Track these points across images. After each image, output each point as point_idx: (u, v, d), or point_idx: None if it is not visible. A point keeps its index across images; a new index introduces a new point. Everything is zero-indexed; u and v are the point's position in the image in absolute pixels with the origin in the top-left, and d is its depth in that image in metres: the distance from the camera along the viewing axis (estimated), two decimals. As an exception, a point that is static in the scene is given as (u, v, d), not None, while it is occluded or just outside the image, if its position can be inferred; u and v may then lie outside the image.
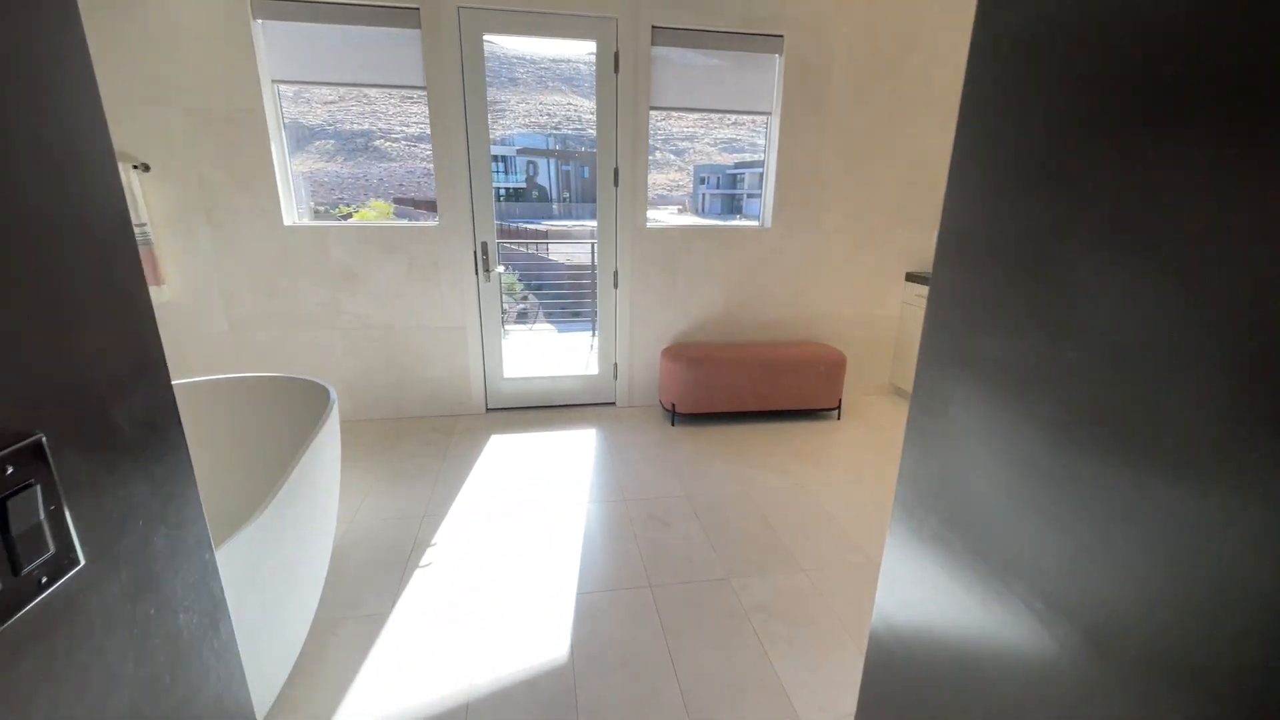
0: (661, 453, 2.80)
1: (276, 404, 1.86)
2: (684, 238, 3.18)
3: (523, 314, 9.04)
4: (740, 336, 3.40)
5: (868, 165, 3.23)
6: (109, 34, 2.43)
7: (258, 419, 1.86)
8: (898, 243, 3.41)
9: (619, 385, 3.36)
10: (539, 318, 8.54)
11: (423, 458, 2.71)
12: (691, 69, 2.99)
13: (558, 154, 15.93)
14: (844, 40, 3.01)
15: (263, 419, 1.86)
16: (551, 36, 2.82)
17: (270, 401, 1.86)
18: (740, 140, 8.83)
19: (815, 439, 3.00)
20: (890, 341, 3.60)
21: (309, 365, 2.99)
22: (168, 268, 2.73)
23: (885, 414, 3.38)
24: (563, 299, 8.56)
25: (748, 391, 3.09)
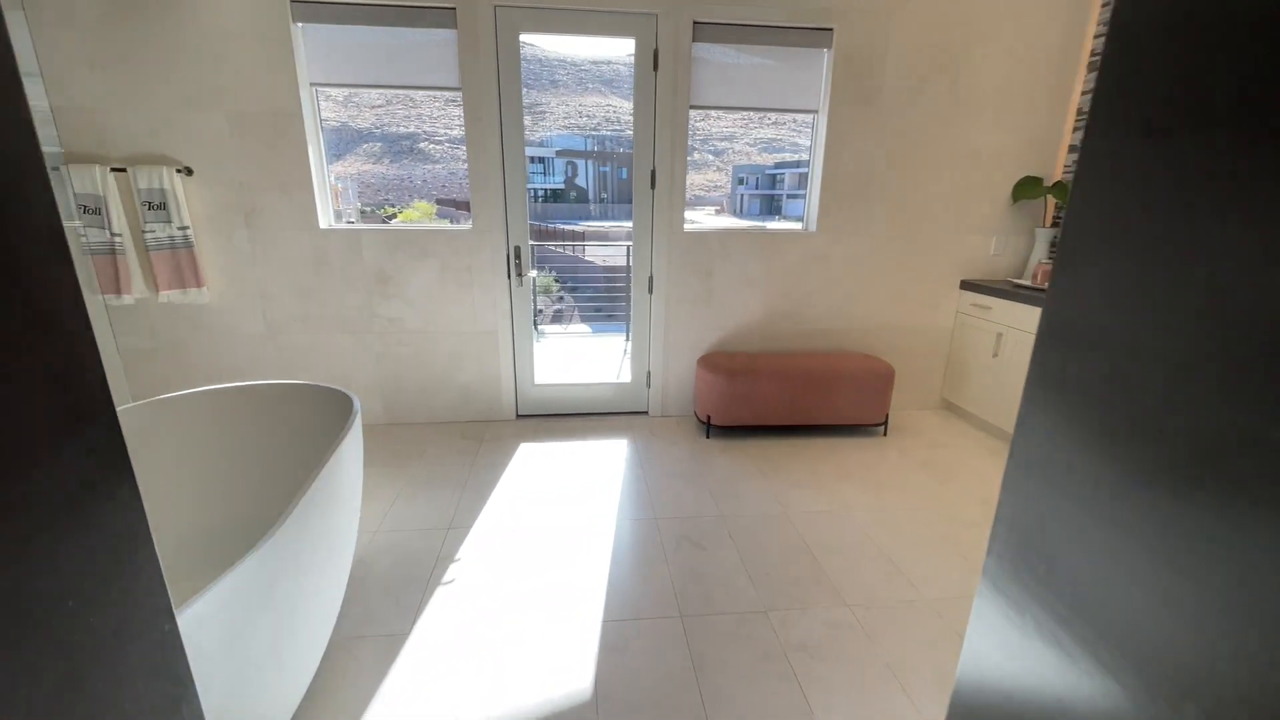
0: (695, 467, 2.68)
1: (300, 411, 1.82)
2: (722, 241, 3.05)
3: (558, 314, 9.05)
4: (780, 346, 3.25)
5: (921, 165, 3.03)
6: (159, 42, 2.47)
7: (281, 426, 1.83)
8: (953, 248, 3.19)
9: (651, 394, 3.25)
10: (574, 318, 8.53)
11: (451, 465, 2.66)
12: (733, 66, 2.85)
13: (596, 155, 15.93)
14: (899, 32, 2.82)
15: (286, 426, 1.83)
16: (589, 35, 2.73)
17: (294, 409, 1.83)
18: (781, 140, 8.52)
19: (860, 457, 2.82)
20: (942, 354, 3.37)
21: (342, 368, 2.99)
22: (208, 270, 2.76)
23: (936, 431, 3.16)
24: (598, 300, 8.54)
25: (788, 405, 2.93)
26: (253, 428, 1.82)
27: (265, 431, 1.82)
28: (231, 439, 1.80)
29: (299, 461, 1.81)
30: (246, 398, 1.81)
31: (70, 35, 2.42)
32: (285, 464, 1.82)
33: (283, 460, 1.83)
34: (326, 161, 2.82)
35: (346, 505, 1.55)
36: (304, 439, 1.82)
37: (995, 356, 2.98)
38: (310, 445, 1.81)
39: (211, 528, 1.75)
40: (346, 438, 1.52)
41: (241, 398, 1.81)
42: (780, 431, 3.06)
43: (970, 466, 2.75)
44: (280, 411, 1.83)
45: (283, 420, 1.83)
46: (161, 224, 2.60)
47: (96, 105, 2.51)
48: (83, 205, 2.53)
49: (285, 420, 1.83)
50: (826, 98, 2.91)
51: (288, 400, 1.83)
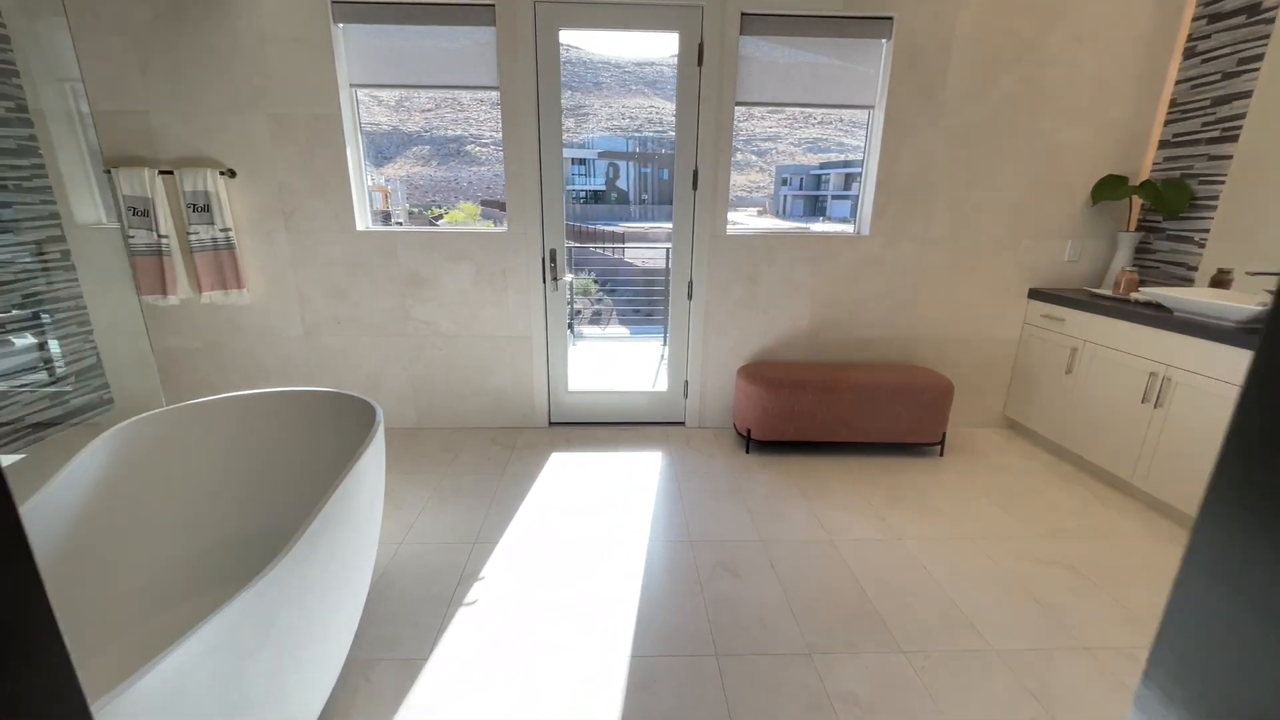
0: (734, 485, 2.52)
1: (325, 419, 1.77)
2: (768, 245, 2.88)
3: (597, 315, 9.01)
4: (827, 357, 3.05)
5: (988, 163, 2.79)
6: (205, 46, 2.49)
7: (304, 434, 1.78)
8: (1021, 253, 2.93)
9: (689, 404, 3.11)
10: (612, 320, 8.47)
11: (481, 474, 2.59)
12: (781, 60, 2.68)
13: (637, 156, 15.92)
14: (968, 18, 2.60)
15: (310, 434, 1.78)
16: (631, 29, 2.61)
17: (317, 416, 1.77)
18: (826, 140, 8.22)
19: (915, 479, 2.60)
20: (1006, 368, 3.10)
21: (375, 371, 2.97)
22: (249, 271, 2.78)
23: (999, 452, 2.90)
24: (636, 302, 8.46)
25: (834, 420, 2.74)
26: (276, 435, 1.77)
27: (289, 439, 1.78)
28: (255, 447, 1.76)
29: (322, 470, 1.76)
30: (270, 405, 1.77)
31: (122, 41, 2.46)
32: (309, 472, 1.77)
33: (307, 468, 1.77)
34: (366, 163, 2.80)
35: (364, 525, 1.48)
36: (328, 447, 1.76)
37: (1069, 374, 2.70)
38: (334, 454, 1.76)
39: (235, 537, 1.71)
40: (365, 453, 1.44)
41: (265, 405, 1.77)
42: (826, 448, 2.87)
43: (1040, 494, 2.49)
44: (304, 419, 1.78)
45: (307, 428, 1.78)
46: (205, 225, 2.63)
47: (148, 108, 2.55)
48: (131, 207, 2.57)
49: (309, 428, 1.78)
50: (884, 92, 2.70)
51: (311, 407, 1.78)
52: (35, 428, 2.62)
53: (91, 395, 2.87)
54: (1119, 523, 2.29)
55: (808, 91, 2.74)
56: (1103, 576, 1.97)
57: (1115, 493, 2.52)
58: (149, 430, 1.59)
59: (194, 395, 2.96)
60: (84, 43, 2.45)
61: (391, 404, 3.03)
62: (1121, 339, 2.44)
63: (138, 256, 2.64)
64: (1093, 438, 2.59)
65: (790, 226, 15.16)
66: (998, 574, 1.96)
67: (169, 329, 2.85)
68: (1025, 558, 2.05)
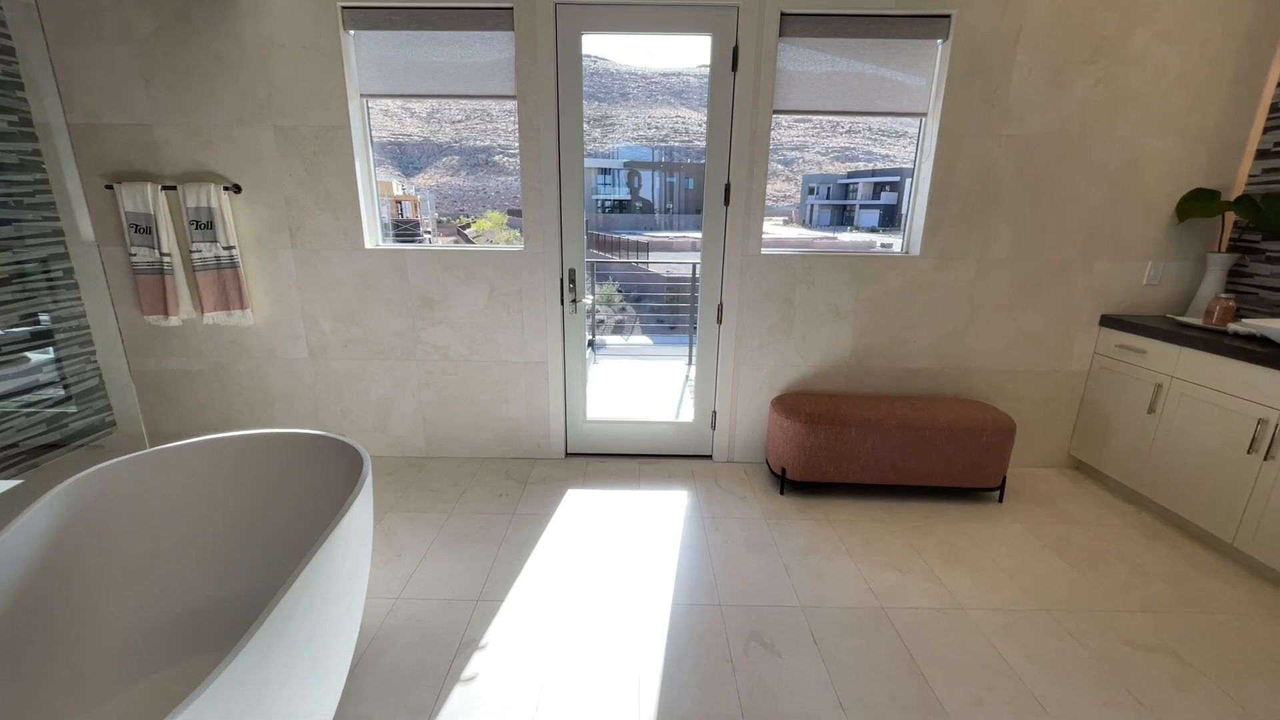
0: (768, 534, 2.26)
1: (307, 466, 1.58)
2: (806, 265, 2.63)
3: (620, 325, 8.83)
4: (871, 388, 2.77)
5: (1057, 176, 2.49)
6: (211, 55, 2.36)
7: (282, 485, 1.59)
8: (1093, 276, 2.62)
9: (717, 437, 2.86)
10: (636, 329, 8.27)
11: (490, 514, 2.38)
12: (822, 63, 2.44)
13: (663, 166, 15.79)
14: (1038, 14, 2.32)
15: (288, 485, 1.59)
16: (660, 32, 2.41)
17: (299, 463, 1.58)
18: (854, 149, 7.91)
19: (972, 532, 2.31)
20: (1072, 403, 2.78)
21: (385, 397, 2.80)
22: (253, 291, 2.64)
23: (1066, 499, 2.58)
24: (660, 311, 8.27)
25: (881, 460, 2.46)
26: (252, 485, 1.59)
27: (266, 490, 1.59)
28: (227, 499, 1.57)
29: (305, 526, 1.57)
30: (244, 450, 1.59)
31: (127, 52, 2.35)
32: (290, 529, 1.58)
33: (287, 524, 1.58)
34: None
35: (345, 594, 1.27)
36: (312, 497, 1.57)
37: (1152, 413, 2.38)
38: (319, 506, 1.56)
39: (206, 604, 1.52)
40: (346, 516, 1.24)
41: (238, 450, 1.58)
42: (870, 492, 2.59)
43: (1121, 553, 2.17)
44: (283, 466, 1.59)
45: (287, 476, 1.59)
46: (208, 243, 2.49)
47: (152, 121, 2.44)
48: (134, 224, 2.46)
49: (289, 476, 1.59)
50: (938, 97, 2.44)
51: (291, 452, 1.59)
52: (31, 453, 2.51)
53: (93, 418, 2.76)
54: (1221, 594, 1.96)
55: (851, 98, 2.49)
56: (1211, 666, 1.66)
57: (1212, 554, 2.18)
58: (104, 485, 1.42)
59: (197, 418, 2.83)
60: (86, 54, 2.35)
61: (401, 432, 2.86)
62: (1219, 377, 2.12)
63: (139, 275, 2.52)
64: (1183, 489, 2.26)
65: (817, 235, 14.89)
66: (1085, 660, 1.66)
67: (173, 350, 2.73)
68: (1115, 638, 1.75)
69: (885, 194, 23.06)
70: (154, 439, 2.80)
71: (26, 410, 2.49)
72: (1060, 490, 2.67)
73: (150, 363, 2.75)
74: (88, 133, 2.43)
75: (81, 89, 2.38)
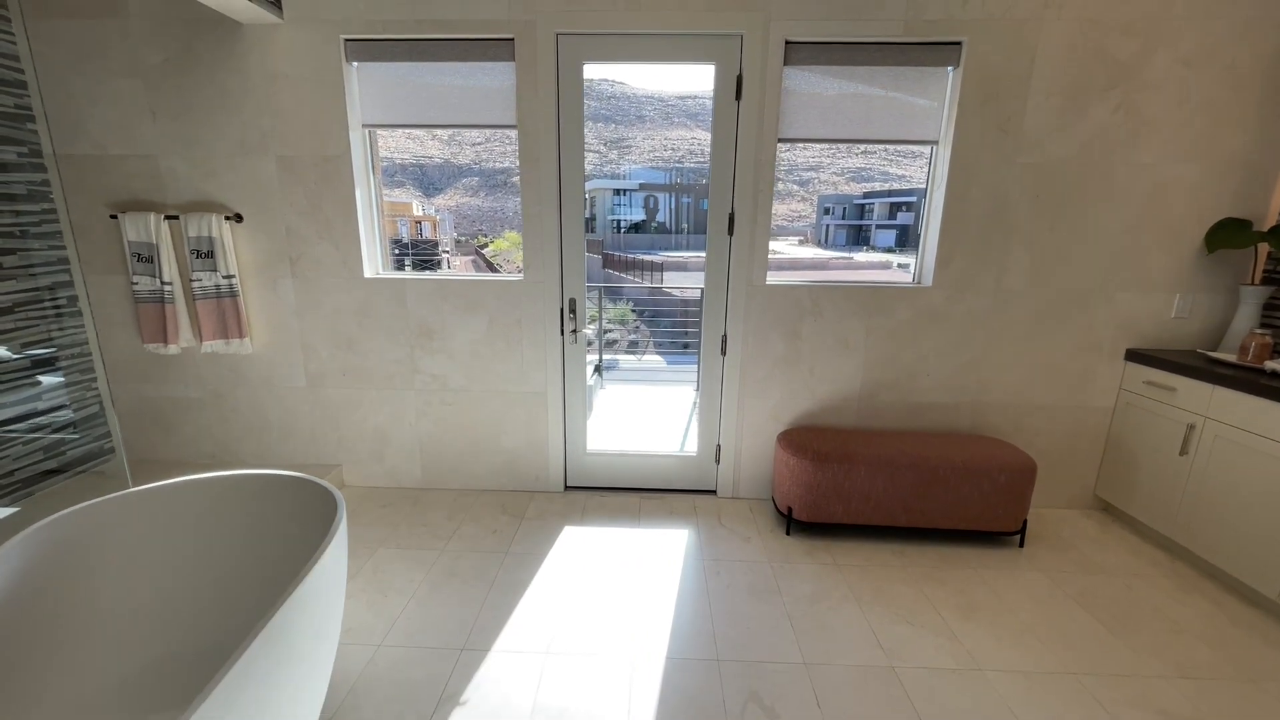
0: (772, 579, 2.15)
1: (277, 510, 1.52)
2: (814, 297, 2.54)
3: (633, 344, 8.78)
4: (881, 424, 2.66)
5: (1076, 204, 2.39)
6: (215, 87, 2.38)
7: (251, 531, 1.53)
8: (1116, 307, 2.49)
9: (721, 471, 2.76)
10: (649, 349, 8.22)
11: (483, 552, 2.30)
12: (829, 90, 2.39)
13: (678, 188, 15.92)
14: (1052, 41, 2.25)
15: (258, 531, 1.52)
16: (663, 62, 2.38)
17: (270, 505, 1.52)
18: (870, 169, 7.87)
19: (990, 579, 2.17)
20: (1097, 440, 2.64)
21: (383, 426, 2.75)
22: (253, 320, 2.63)
23: (1091, 544, 2.42)
24: (674, 331, 8.24)
25: (893, 501, 2.34)
26: (221, 531, 1.53)
27: (236, 535, 1.53)
28: (195, 546, 1.52)
29: (278, 574, 1.50)
30: (212, 493, 1.53)
31: (134, 84, 2.38)
32: (260, 578, 1.51)
33: (257, 572, 1.52)
34: (377, 204, 2.63)
35: (310, 654, 1.20)
36: (282, 545, 1.51)
37: (1185, 455, 2.24)
38: (292, 553, 1.50)
39: (170, 659, 1.46)
40: (314, 570, 1.17)
41: (205, 493, 1.53)
42: (880, 534, 2.46)
43: (1154, 608, 2.02)
44: (253, 510, 1.53)
45: (257, 521, 1.53)
46: (208, 272, 2.49)
47: (157, 152, 2.45)
48: (136, 253, 2.46)
49: (259, 521, 1.53)
50: (950, 125, 2.37)
51: (264, 495, 1.53)
52: (27, 481, 2.49)
53: (92, 445, 2.75)
54: (1268, 659, 1.80)
55: (858, 126, 2.42)
56: (1259, 744, 1.50)
57: (1256, 612, 2.02)
58: (63, 534, 1.37)
59: (195, 446, 2.80)
60: (94, 86, 2.38)
61: (398, 461, 2.80)
62: (1258, 419, 1.98)
63: (140, 304, 2.52)
64: (1221, 538, 2.11)
65: (833, 255, 14.65)
66: (1116, 734, 1.52)
67: (172, 377, 2.71)
68: (1150, 708, 1.60)
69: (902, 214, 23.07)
70: (152, 466, 2.77)
71: (30, 436, 2.49)
72: (1085, 534, 2.51)
73: (149, 390, 2.74)
74: (94, 163, 2.46)
75: (90, 120, 2.41)
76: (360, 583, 2.09)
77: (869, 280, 2.62)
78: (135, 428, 2.80)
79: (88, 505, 1.47)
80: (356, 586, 2.07)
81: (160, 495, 1.50)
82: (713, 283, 2.58)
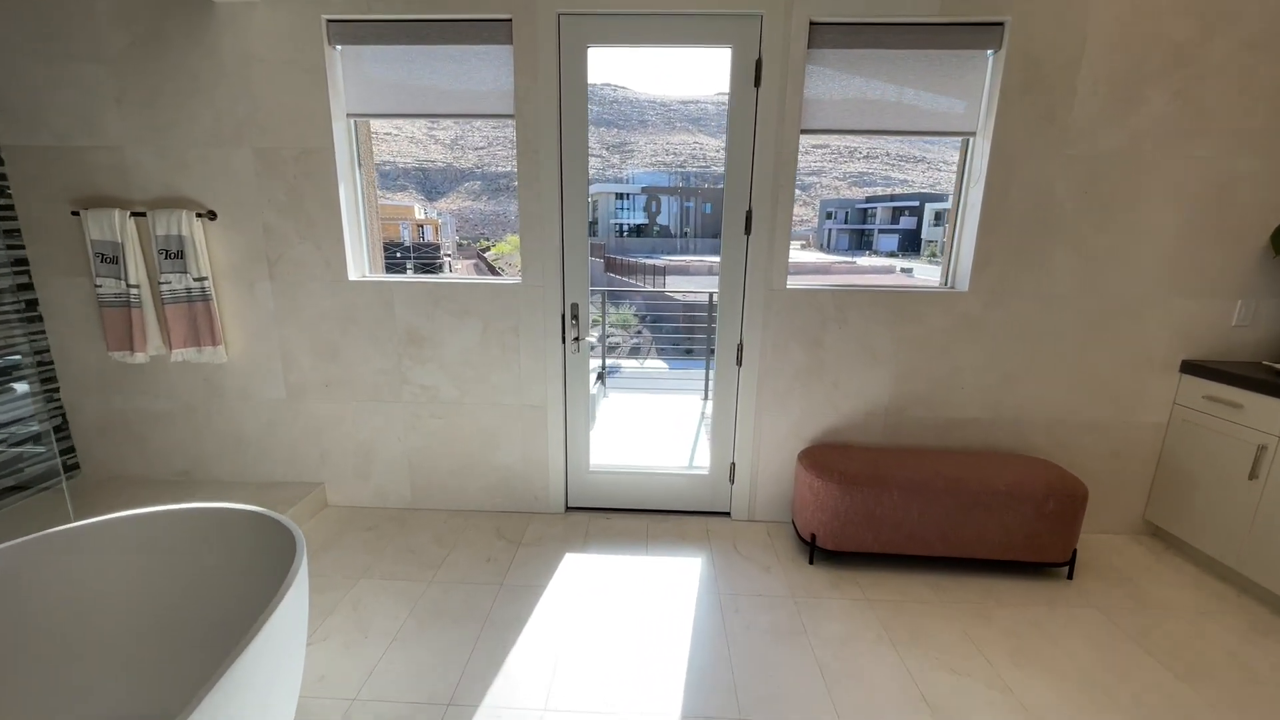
0: (797, 618, 1.92)
1: (231, 551, 1.30)
2: (838, 302, 2.33)
3: (636, 349, 8.59)
4: (912, 440, 2.44)
5: (1127, 201, 2.18)
6: (187, 74, 2.18)
7: (205, 573, 1.31)
8: (1171, 315, 2.28)
9: (736, 491, 2.54)
10: (651, 353, 8.03)
11: (476, 584, 2.08)
12: (854, 78, 2.18)
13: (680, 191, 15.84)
14: (1104, 22, 2.04)
15: (211, 573, 1.31)
16: (675, 45, 2.17)
17: (221, 547, 1.31)
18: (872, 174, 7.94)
19: (1040, 618, 1.94)
20: (1148, 459, 2.41)
21: (368, 441, 2.53)
22: (228, 326, 2.42)
23: (1146, 574, 2.20)
24: (676, 335, 8.09)
25: (928, 529, 2.12)
26: (173, 574, 1.32)
27: (187, 579, 1.32)
28: (140, 590, 1.30)
29: (229, 621, 1.28)
30: (164, 529, 1.32)
31: (97, 70, 2.18)
32: (210, 628, 1.30)
33: (208, 622, 1.30)
34: (363, 202, 2.43)
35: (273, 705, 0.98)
36: (239, 590, 1.29)
37: (1254, 479, 2.01)
38: (249, 599, 1.28)
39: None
40: (280, 606, 0.96)
41: (158, 530, 1.32)
42: (913, 564, 2.24)
43: (1227, 651, 1.79)
44: (209, 550, 1.32)
45: (212, 566, 1.32)
46: (178, 274, 2.28)
47: (123, 143, 2.25)
48: (100, 254, 2.26)
49: (214, 566, 1.31)
50: (989, 114, 2.16)
51: (220, 533, 1.32)
52: (-22, 503, 2.29)
53: (53, 461, 2.54)
54: (1369, 717, 1.57)
55: (888, 116, 2.22)
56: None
57: (1344, 659, 1.79)
58: None
59: (166, 461, 2.59)
60: (55, 72, 2.18)
61: (385, 479, 2.59)
62: (1345, 442, 1.76)
63: (105, 308, 2.31)
64: (1299, 574, 1.88)
65: (835, 260, 14.78)
66: (1213, 818, 1.29)
67: (140, 389, 2.51)
68: (1245, 782, 1.37)
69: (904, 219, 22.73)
70: (121, 483, 2.56)
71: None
72: (1138, 564, 2.29)
73: (118, 402, 2.53)
74: (53, 155, 2.26)
75: (49, 109, 2.22)
76: (338, 620, 1.88)
77: (896, 285, 2.41)
78: (102, 442, 2.59)
79: (16, 544, 1.26)
80: (333, 625, 1.85)
81: (92, 534, 1.29)
82: (728, 287, 2.36)
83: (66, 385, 2.52)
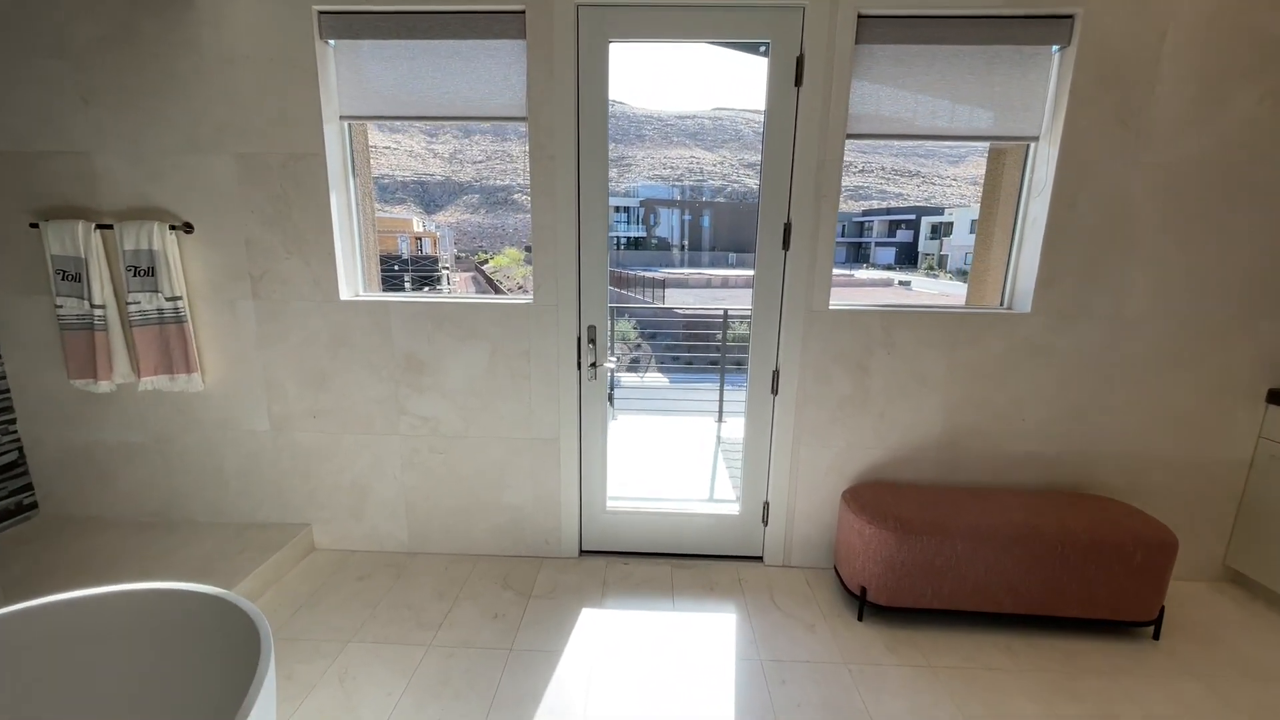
0: (853, 690, 1.66)
1: (189, 645, 1.04)
2: (886, 325, 2.09)
3: (635, 362, 8.33)
4: (968, 477, 2.19)
5: (1213, 214, 1.96)
6: (162, 72, 1.96)
7: (144, 668, 1.05)
8: (1259, 340, 2.05)
9: (770, 534, 2.28)
10: (651, 365, 7.79)
11: (481, 649, 1.81)
12: (907, 75, 1.96)
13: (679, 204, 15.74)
14: (1187, 14, 1.83)
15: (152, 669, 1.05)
16: (708, 39, 1.96)
17: (177, 640, 1.05)
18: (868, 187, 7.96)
19: (1134, 689, 1.68)
20: (1231, 499, 2.17)
21: (360, 477, 2.28)
22: (205, 351, 2.17)
23: (1238, 630, 1.94)
24: (677, 348, 7.91)
25: (995, 582, 1.86)
26: (120, 674, 1.06)
27: (122, 679, 1.05)
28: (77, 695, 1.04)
29: None
30: (108, 618, 1.06)
31: (62, 66, 1.95)
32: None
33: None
34: (358, 214, 2.20)
35: None
36: (187, 690, 1.03)
37: (1370, 528, 1.77)
38: (195, 698, 1.02)
39: None
40: None
41: (100, 619, 1.06)
42: (977, 621, 1.97)
43: (1363, 740, 1.53)
44: (162, 644, 1.06)
45: (166, 661, 1.06)
46: (148, 293, 2.04)
47: (90, 148, 2.02)
48: (61, 270, 2.01)
49: (155, 657, 1.05)
50: (1055, 116, 1.94)
51: (181, 622, 1.06)
52: (-84, 552, 2.02)
53: (8, 500, 2.27)
54: None
55: (942, 118, 2.00)
56: None
57: None
58: None
59: (137, 500, 2.33)
60: (13, 69, 1.95)
61: (379, 520, 2.32)
62: None
63: (66, 331, 2.06)
64: None
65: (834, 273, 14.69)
66: None
67: (107, 419, 2.25)
68: None
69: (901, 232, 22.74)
70: (86, 524, 2.30)
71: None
72: (1226, 618, 2.03)
73: (82, 434, 2.27)
74: (11, 161, 2.02)
75: (5, 109, 1.98)
76: (322, 699, 1.61)
77: (949, 305, 2.18)
78: (63, 479, 2.32)
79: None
80: (315, 704, 1.59)
81: (34, 621, 1.03)
82: (762, 308, 2.13)
83: (24, 416, 2.26)
